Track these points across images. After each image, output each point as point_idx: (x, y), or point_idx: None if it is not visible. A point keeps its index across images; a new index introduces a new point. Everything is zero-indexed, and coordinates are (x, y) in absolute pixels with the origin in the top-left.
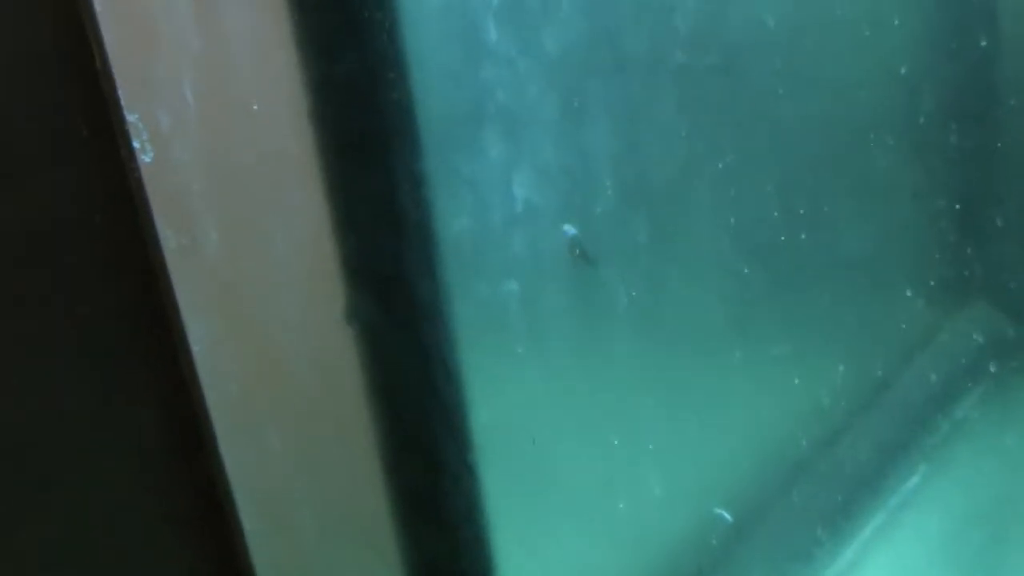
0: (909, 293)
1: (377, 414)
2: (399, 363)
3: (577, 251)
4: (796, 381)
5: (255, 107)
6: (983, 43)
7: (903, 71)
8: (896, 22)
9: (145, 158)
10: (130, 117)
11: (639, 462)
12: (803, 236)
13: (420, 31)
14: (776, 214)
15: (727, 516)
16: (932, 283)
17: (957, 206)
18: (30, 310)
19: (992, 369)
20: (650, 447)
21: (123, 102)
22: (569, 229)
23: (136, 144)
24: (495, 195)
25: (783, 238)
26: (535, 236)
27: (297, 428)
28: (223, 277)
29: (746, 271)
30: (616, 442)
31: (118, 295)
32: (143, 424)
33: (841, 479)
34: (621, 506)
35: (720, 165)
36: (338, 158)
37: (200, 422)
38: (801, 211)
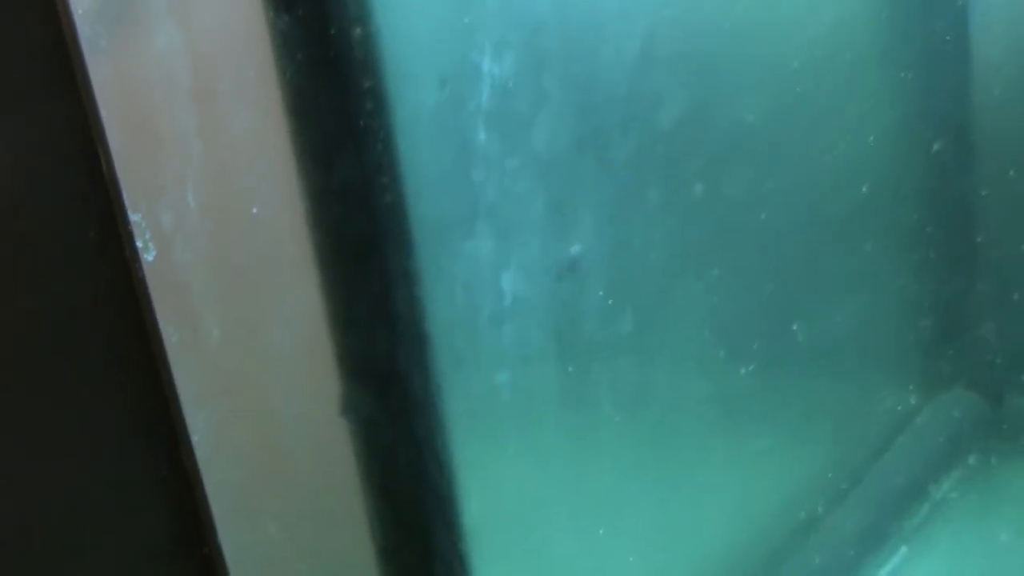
0: (888, 380)
1: (372, 504)
2: (393, 455)
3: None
4: (778, 469)
5: (255, 210)
6: (935, 147)
7: (882, 174)
8: (871, 138)
9: (148, 257)
10: (134, 217)
11: (624, 550)
12: (790, 328)
13: (413, 137)
14: (760, 311)
15: None
16: (911, 370)
17: (938, 292)
18: (32, 401)
19: (970, 450)
20: (635, 535)
21: (127, 203)
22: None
23: (139, 243)
24: (485, 292)
25: (767, 334)
26: (524, 331)
27: (295, 517)
28: (223, 371)
29: (730, 366)
30: (601, 531)
31: (120, 386)
32: (142, 513)
33: (824, 561)
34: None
35: (703, 264)
36: (334, 259)
37: (200, 509)
38: (785, 307)
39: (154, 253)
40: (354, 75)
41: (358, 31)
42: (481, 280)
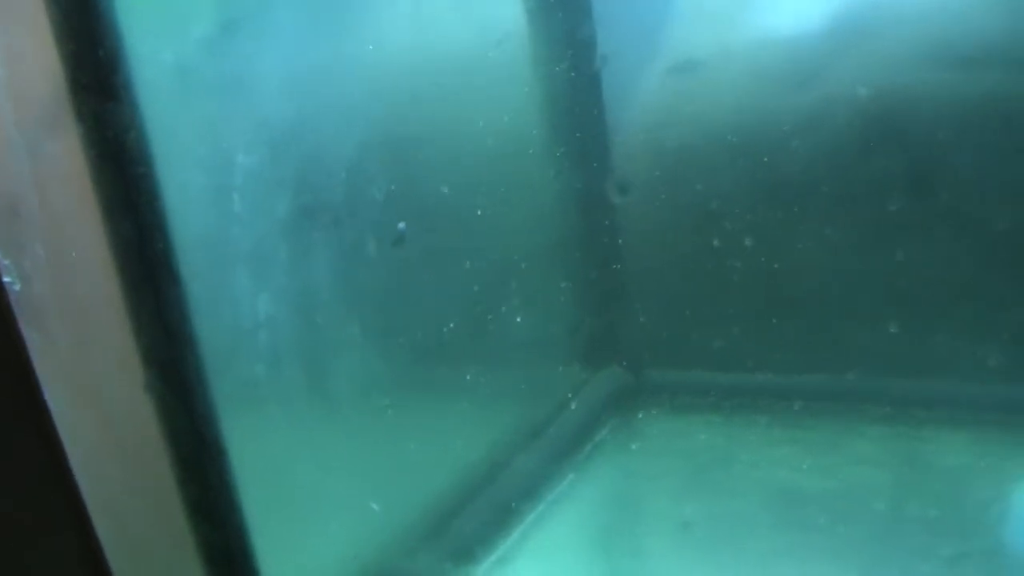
0: (565, 364)
1: (170, 453)
2: (180, 420)
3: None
4: (487, 425)
5: (74, 254)
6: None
7: (551, 228)
8: (544, 201)
9: (15, 287)
10: (4, 262)
11: (355, 490)
12: (497, 332)
13: (180, 205)
14: (469, 322)
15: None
16: (581, 356)
17: (598, 306)
18: None
19: (621, 407)
20: (364, 479)
21: None
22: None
23: (8, 279)
24: (244, 310)
25: (476, 334)
26: (276, 335)
27: (121, 456)
28: (72, 363)
29: (452, 358)
30: (333, 475)
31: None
32: (16, 453)
33: (518, 487)
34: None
35: (413, 282)
36: (130, 289)
37: (58, 453)
38: (487, 314)
39: (19, 285)
40: (131, 164)
41: (132, 134)
42: (242, 303)
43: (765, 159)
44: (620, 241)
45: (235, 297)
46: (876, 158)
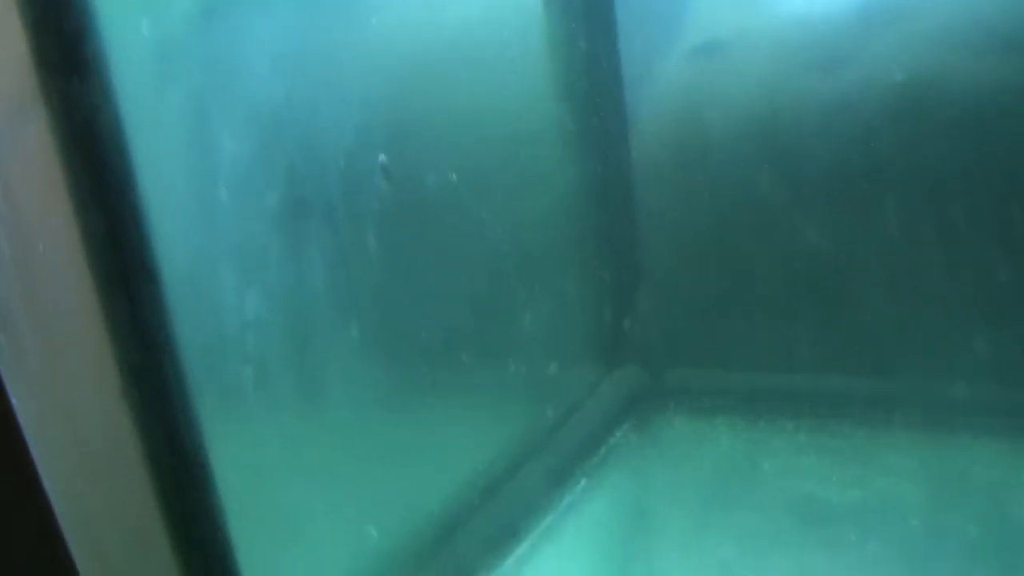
0: (580, 361)
1: (149, 467)
2: (159, 430)
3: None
4: (497, 427)
5: (41, 249)
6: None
7: (564, 220)
8: (556, 192)
9: None
10: None
11: (344, 503)
12: (508, 328)
13: (162, 193)
14: (475, 317)
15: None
16: (597, 354)
17: (615, 302)
18: None
19: (637, 408)
20: (357, 491)
21: None
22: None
23: None
24: (230, 311)
25: (487, 331)
26: (265, 337)
27: (103, 472)
28: (42, 369)
29: (450, 355)
30: (323, 486)
31: None
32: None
33: (527, 495)
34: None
35: (417, 278)
36: (106, 290)
37: (30, 469)
38: (495, 310)
39: None
40: (103, 149)
41: (103, 116)
42: (226, 303)
43: (792, 146)
44: (638, 232)
45: (219, 297)
46: (912, 147)
